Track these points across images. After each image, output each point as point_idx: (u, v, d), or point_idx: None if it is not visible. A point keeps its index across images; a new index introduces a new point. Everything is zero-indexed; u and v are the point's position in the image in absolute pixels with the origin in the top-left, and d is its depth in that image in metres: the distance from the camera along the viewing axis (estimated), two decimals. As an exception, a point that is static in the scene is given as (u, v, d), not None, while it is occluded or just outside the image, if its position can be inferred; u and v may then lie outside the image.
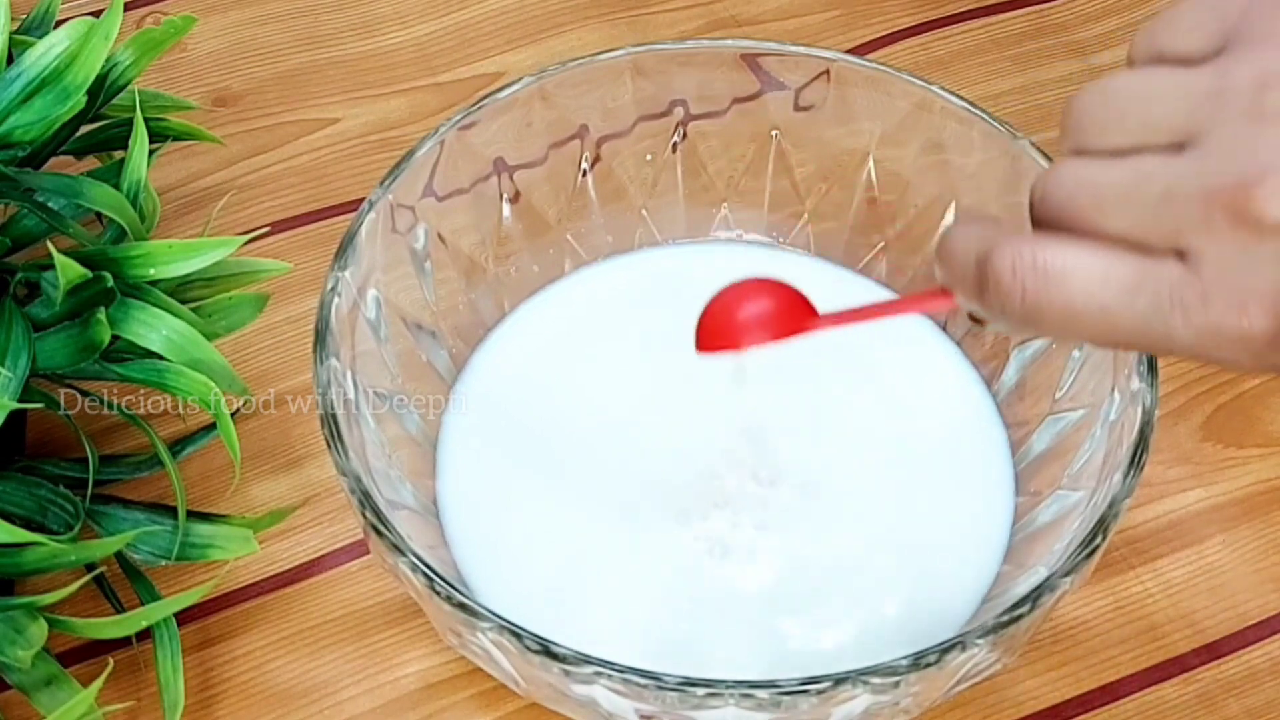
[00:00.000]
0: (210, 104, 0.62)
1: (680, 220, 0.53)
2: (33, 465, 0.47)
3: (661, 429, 0.48)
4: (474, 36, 0.64)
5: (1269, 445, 0.52)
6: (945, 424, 0.49)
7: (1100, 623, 0.48)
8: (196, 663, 0.47)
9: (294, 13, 0.65)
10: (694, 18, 0.65)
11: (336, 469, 0.41)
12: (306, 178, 0.60)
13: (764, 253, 0.53)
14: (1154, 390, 0.42)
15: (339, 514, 0.50)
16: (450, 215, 0.49)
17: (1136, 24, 0.65)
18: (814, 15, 0.65)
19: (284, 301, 0.54)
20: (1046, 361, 0.48)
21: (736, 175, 0.53)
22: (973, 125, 0.49)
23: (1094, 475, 0.43)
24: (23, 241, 0.47)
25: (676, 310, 0.51)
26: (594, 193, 0.52)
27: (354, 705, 0.46)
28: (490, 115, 0.49)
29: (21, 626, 0.41)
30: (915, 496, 0.47)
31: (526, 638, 0.38)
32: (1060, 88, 0.62)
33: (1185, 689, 0.46)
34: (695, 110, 0.52)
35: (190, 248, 0.44)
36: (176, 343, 0.44)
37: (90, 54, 0.46)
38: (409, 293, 0.48)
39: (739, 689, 0.37)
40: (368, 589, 0.48)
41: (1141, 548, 0.49)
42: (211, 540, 0.45)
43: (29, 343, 0.43)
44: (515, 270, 0.52)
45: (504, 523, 0.46)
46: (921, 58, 0.63)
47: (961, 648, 0.38)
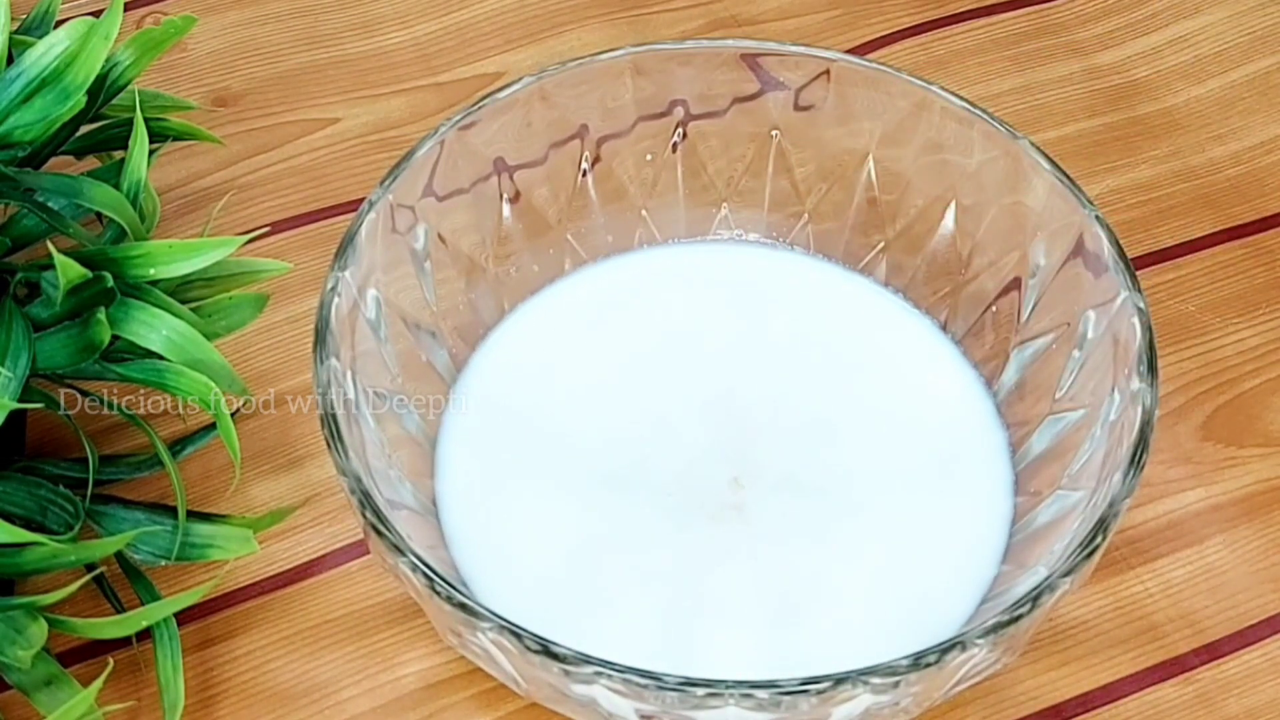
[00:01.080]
0: (210, 104, 0.62)
1: (680, 220, 0.53)
2: (33, 465, 0.47)
3: (662, 429, 0.48)
4: (474, 36, 0.64)
5: (1269, 445, 0.52)
6: (945, 424, 0.49)
7: (1100, 623, 0.48)
8: (196, 663, 0.47)
9: (294, 13, 0.65)
10: (694, 18, 0.65)
11: (336, 469, 0.41)
12: (306, 178, 0.60)
13: (764, 252, 0.53)
14: (1154, 390, 0.42)
15: (339, 514, 0.50)
16: (450, 215, 0.49)
17: (1136, 24, 0.65)
18: (814, 15, 0.65)
19: (284, 301, 0.54)
20: (1046, 362, 0.48)
21: (736, 175, 0.53)
22: (973, 125, 0.49)
23: (1094, 475, 0.43)
24: (23, 241, 0.47)
25: (677, 310, 0.52)
26: (594, 193, 0.52)
27: (354, 705, 0.46)
28: (490, 115, 0.49)
29: (21, 626, 0.41)
30: (914, 496, 0.47)
31: (526, 638, 0.38)
32: (1060, 88, 0.62)
33: (1185, 689, 0.46)
34: (695, 110, 0.52)
35: (190, 248, 0.44)
36: (176, 343, 0.44)
37: (90, 54, 0.46)
38: (409, 293, 0.48)
39: (739, 689, 0.37)
40: (368, 589, 0.48)
41: (1141, 548, 0.49)
42: (211, 540, 0.45)
43: (29, 343, 0.43)
44: (515, 270, 0.52)
45: (504, 523, 0.46)
46: (921, 58, 0.63)
47: (961, 648, 0.38)
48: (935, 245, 0.51)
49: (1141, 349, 0.43)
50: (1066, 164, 0.49)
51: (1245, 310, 0.55)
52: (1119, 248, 0.45)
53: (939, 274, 0.51)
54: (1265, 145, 0.61)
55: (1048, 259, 0.48)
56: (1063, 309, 0.47)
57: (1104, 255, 0.45)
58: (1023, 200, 0.48)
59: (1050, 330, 0.48)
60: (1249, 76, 0.63)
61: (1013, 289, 0.49)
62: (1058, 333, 0.47)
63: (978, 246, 0.50)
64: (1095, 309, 0.46)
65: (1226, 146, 0.60)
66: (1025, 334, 0.49)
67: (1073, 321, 0.47)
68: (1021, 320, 0.49)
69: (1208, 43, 0.64)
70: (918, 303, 0.51)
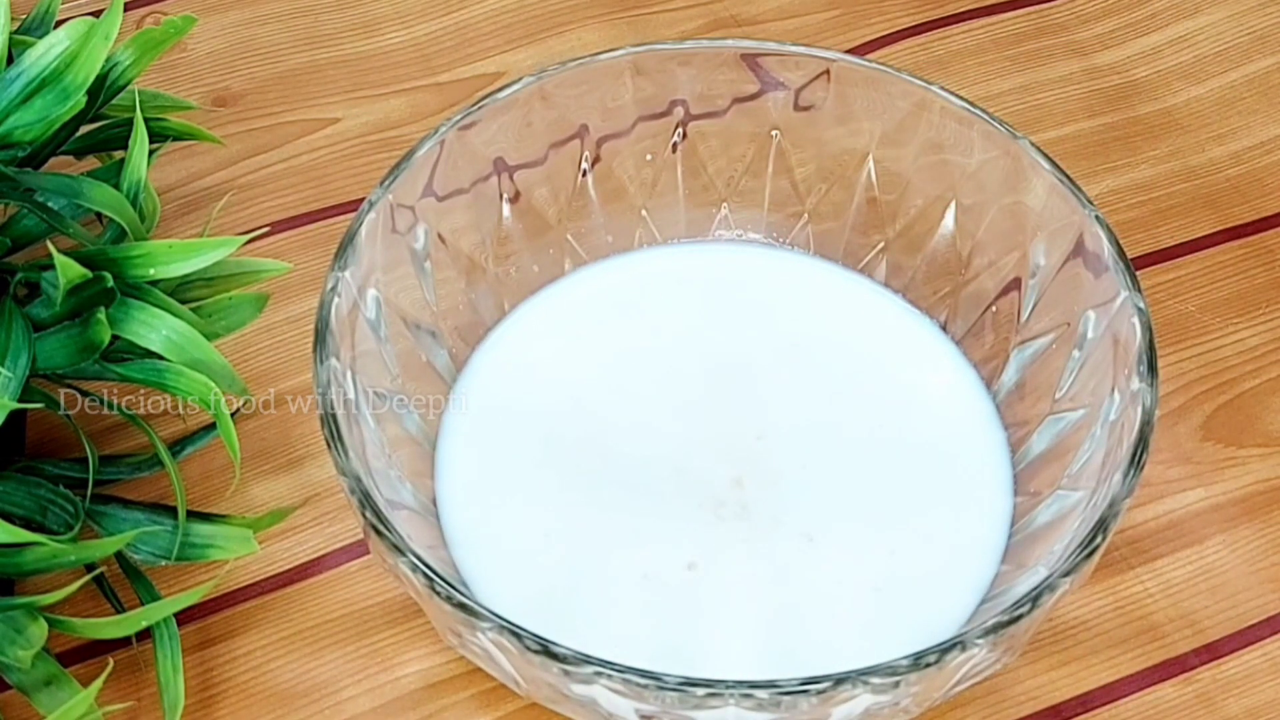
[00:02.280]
0: (210, 104, 0.62)
1: (680, 220, 0.53)
2: (33, 465, 0.47)
3: (661, 429, 0.48)
4: (474, 36, 0.64)
5: (1269, 445, 0.52)
6: (945, 424, 0.49)
7: (1100, 623, 0.48)
8: (196, 663, 0.47)
9: (294, 13, 0.65)
10: (694, 18, 0.65)
11: (336, 469, 0.41)
12: (306, 178, 0.60)
13: (764, 252, 0.53)
14: (1154, 390, 0.42)
15: (339, 514, 0.50)
16: (450, 215, 0.49)
17: (1137, 24, 0.65)
18: (814, 15, 0.65)
19: (284, 301, 0.54)
20: (1046, 362, 0.48)
21: (736, 175, 0.53)
22: (973, 125, 0.49)
23: (1094, 475, 0.43)
24: (23, 241, 0.47)
25: (677, 310, 0.52)
26: (594, 193, 0.52)
27: (354, 705, 0.46)
28: (490, 115, 0.49)
29: (21, 626, 0.41)
30: (914, 496, 0.47)
31: (526, 638, 0.38)
32: (1060, 88, 0.62)
33: (1185, 689, 0.46)
34: (695, 110, 0.52)
35: (190, 248, 0.44)
36: (176, 343, 0.44)
37: (90, 54, 0.46)
38: (409, 293, 0.48)
39: (739, 689, 0.37)
40: (368, 589, 0.48)
41: (1141, 548, 0.49)
42: (211, 540, 0.45)
43: (29, 343, 0.43)
44: (515, 270, 0.52)
45: (504, 523, 0.46)
46: (921, 58, 0.63)
47: (961, 648, 0.38)
48: (935, 245, 0.51)
49: (1141, 349, 0.43)
50: (1066, 164, 0.49)
51: (1245, 310, 0.55)
52: (1119, 248, 0.45)
53: (939, 274, 0.51)
54: (1265, 145, 0.61)
55: (1048, 259, 0.48)
56: (1063, 309, 0.47)
57: (1104, 255, 0.45)
58: (1023, 200, 0.48)
59: (1050, 330, 0.48)
60: (1249, 76, 0.63)
61: (1013, 289, 0.49)
62: (1058, 333, 0.47)
63: (978, 246, 0.50)
64: (1095, 309, 0.46)
65: (1226, 146, 0.60)
66: (1025, 334, 0.49)
67: (1073, 321, 0.47)
68: (1021, 320, 0.49)
69: (1208, 43, 0.64)
70: (917, 303, 0.51)
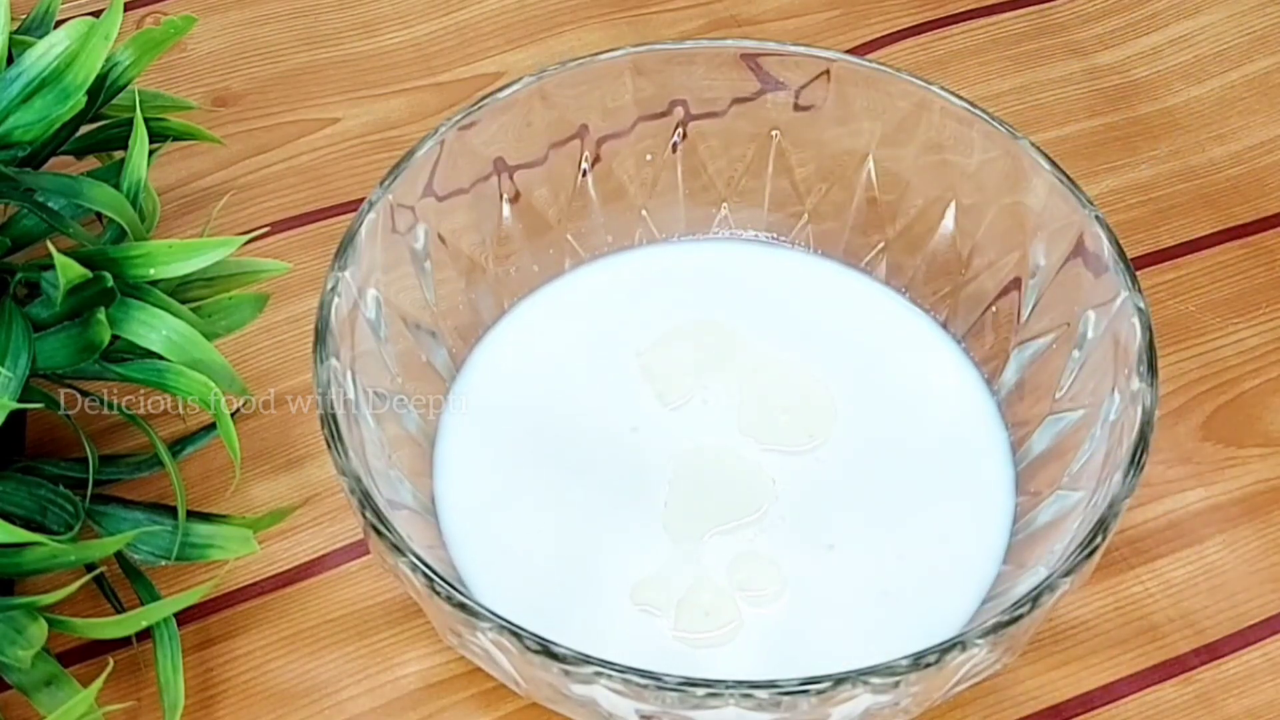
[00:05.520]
0: (210, 104, 0.62)
1: (680, 220, 0.53)
2: (33, 465, 0.47)
3: (661, 429, 0.48)
4: (474, 36, 0.64)
5: (1269, 445, 0.52)
6: (945, 424, 0.49)
7: (1100, 623, 0.48)
8: (196, 663, 0.47)
9: (294, 13, 0.65)
10: (694, 18, 0.65)
11: (336, 469, 0.41)
12: (306, 178, 0.60)
13: (764, 252, 0.53)
14: (1154, 390, 0.42)
15: (339, 514, 0.50)
16: (450, 215, 0.49)
17: (1137, 24, 0.65)
18: (814, 15, 0.65)
19: (284, 301, 0.54)
20: (1046, 361, 0.48)
21: (736, 175, 0.53)
22: (973, 125, 0.49)
23: (1094, 475, 0.43)
24: (23, 241, 0.47)
25: (677, 309, 0.52)
26: (594, 192, 0.52)
27: (354, 705, 0.46)
28: (490, 115, 0.49)
29: (21, 626, 0.41)
30: (915, 496, 0.47)
31: (526, 638, 0.38)
32: (1060, 88, 0.62)
33: (1185, 689, 0.46)
34: (695, 110, 0.52)
35: (190, 248, 0.44)
36: (176, 343, 0.44)
37: (90, 54, 0.46)
38: (409, 293, 0.48)
39: (739, 689, 0.37)
40: (368, 589, 0.48)
41: (1141, 548, 0.49)
42: (211, 540, 0.45)
43: (29, 343, 0.43)
44: (515, 270, 0.52)
45: (504, 523, 0.46)
46: (921, 58, 0.63)
47: (961, 648, 0.38)
48: (935, 245, 0.51)
49: (1141, 349, 0.43)
50: (1066, 164, 0.49)
51: (1245, 310, 0.55)
52: (1119, 248, 0.45)
53: (939, 274, 0.51)
54: (1265, 145, 0.60)
55: (1048, 259, 0.48)
56: (1063, 309, 0.47)
57: (1104, 255, 0.45)
58: (1023, 200, 0.48)
59: (1050, 330, 0.48)
60: (1249, 76, 0.63)
61: (1013, 289, 0.49)
62: (1058, 333, 0.47)
63: (978, 246, 0.50)
64: (1095, 309, 0.46)
65: (1226, 146, 0.60)
66: (1025, 334, 0.49)
67: (1073, 321, 0.47)
68: (1021, 320, 0.49)
69: (1208, 43, 0.64)
70: (918, 302, 0.51)
